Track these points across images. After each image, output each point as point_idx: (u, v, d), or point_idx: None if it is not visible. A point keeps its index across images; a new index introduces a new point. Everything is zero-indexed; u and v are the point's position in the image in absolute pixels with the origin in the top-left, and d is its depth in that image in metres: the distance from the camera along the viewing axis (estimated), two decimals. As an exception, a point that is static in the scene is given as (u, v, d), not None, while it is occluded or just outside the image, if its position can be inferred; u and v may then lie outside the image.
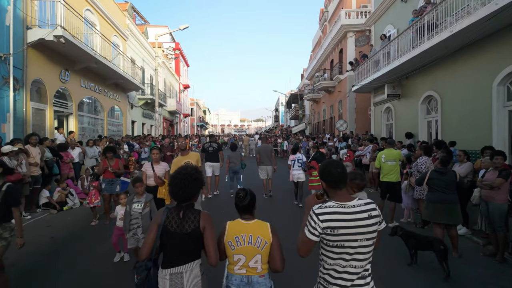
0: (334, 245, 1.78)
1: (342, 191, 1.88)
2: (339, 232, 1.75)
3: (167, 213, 2.11)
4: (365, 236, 1.78)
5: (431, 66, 10.07)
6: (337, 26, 20.39)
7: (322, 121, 27.57)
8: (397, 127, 12.93)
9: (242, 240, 2.09)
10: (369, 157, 10.03)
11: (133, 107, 19.13)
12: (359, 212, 1.80)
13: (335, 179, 1.86)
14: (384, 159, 6.09)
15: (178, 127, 36.05)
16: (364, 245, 1.79)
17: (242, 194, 2.23)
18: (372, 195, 9.20)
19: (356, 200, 1.86)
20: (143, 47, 21.32)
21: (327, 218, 1.77)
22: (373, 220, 1.81)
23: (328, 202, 1.84)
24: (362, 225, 1.78)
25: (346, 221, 1.76)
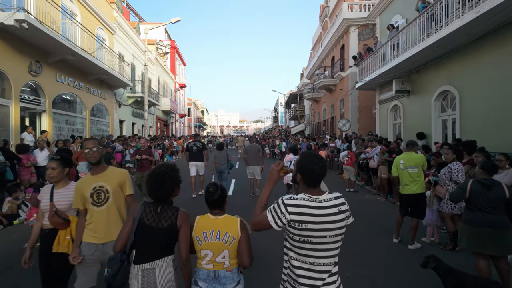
0: (301, 240, 1.70)
1: (316, 189, 1.78)
2: (307, 227, 1.68)
3: (145, 207, 2.09)
4: (334, 232, 1.71)
5: (447, 57, 8.90)
6: (338, 20, 19.25)
7: (322, 121, 26.42)
8: (406, 126, 11.74)
9: (210, 235, 2.06)
10: (377, 160, 8.83)
11: (121, 106, 17.92)
12: (329, 207, 1.72)
13: (315, 179, 1.77)
14: (403, 165, 4.87)
15: (174, 128, 34.84)
16: (332, 241, 1.72)
17: (212, 189, 2.17)
18: (381, 204, 7.99)
19: (327, 194, 1.78)
20: (134, 42, 20.13)
21: (296, 211, 1.69)
22: (342, 215, 1.75)
23: (299, 194, 1.77)
24: (332, 220, 1.70)
25: (315, 216, 1.69)
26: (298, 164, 1.82)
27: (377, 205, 7.86)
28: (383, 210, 7.37)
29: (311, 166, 1.76)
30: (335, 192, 1.87)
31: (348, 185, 9.59)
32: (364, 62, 13.77)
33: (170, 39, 37.29)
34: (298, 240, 1.71)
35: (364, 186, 10.47)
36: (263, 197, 1.91)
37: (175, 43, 36.71)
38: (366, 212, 7.19)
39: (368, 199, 8.59)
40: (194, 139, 9.32)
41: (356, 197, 8.76)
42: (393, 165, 5.02)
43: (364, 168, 10.16)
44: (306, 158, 1.81)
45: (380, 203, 8.08)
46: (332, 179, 12.29)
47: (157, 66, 27.07)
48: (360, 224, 6.16)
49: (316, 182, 1.78)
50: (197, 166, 8.74)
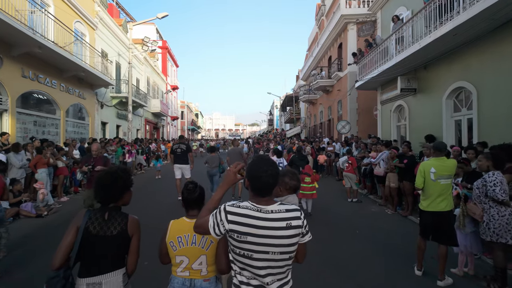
0: (241, 253, 1.51)
1: (265, 198, 1.56)
2: (246, 239, 1.48)
3: (90, 214, 1.88)
4: (280, 249, 1.49)
5: (461, 49, 7.84)
6: (336, 17, 18.25)
7: (319, 124, 25.36)
8: (412, 128, 10.66)
9: (185, 240, 1.92)
10: (384, 166, 7.70)
11: (103, 106, 16.66)
12: (275, 220, 1.50)
13: (262, 188, 1.55)
14: (435, 174, 3.70)
15: (165, 131, 33.56)
16: (278, 259, 1.50)
17: (191, 186, 2.02)
18: (390, 218, 6.83)
19: (277, 205, 1.55)
20: (120, 40, 18.90)
21: (236, 220, 1.50)
22: (292, 231, 1.51)
23: (243, 202, 1.56)
24: (276, 235, 1.48)
25: (257, 228, 1.48)
26: (247, 172, 1.61)
27: (386, 220, 6.71)
28: (394, 226, 6.23)
29: (259, 174, 1.55)
30: (291, 205, 1.63)
31: (349, 194, 8.45)
32: (365, 59, 12.71)
33: (162, 39, 36.15)
34: (238, 253, 1.52)
35: (368, 196, 9.34)
36: (214, 199, 1.70)
37: (167, 44, 35.56)
38: (374, 229, 6.03)
39: (374, 211, 7.45)
40: (179, 141, 9.05)
41: (360, 209, 7.61)
42: (419, 174, 3.84)
43: (368, 175, 9.03)
44: (255, 164, 1.59)
45: (389, 217, 6.94)
46: (331, 186, 11.14)
47: (146, 66, 25.88)
48: (370, 247, 5.00)
49: (263, 191, 1.56)
50: (182, 169, 8.55)
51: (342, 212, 7.35)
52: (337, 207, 7.82)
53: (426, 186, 3.78)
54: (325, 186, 11.23)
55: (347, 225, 6.29)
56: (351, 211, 7.43)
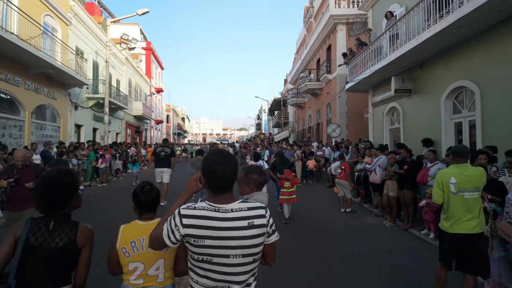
0: (199, 259, 1.36)
1: (223, 195, 1.42)
2: (204, 243, 1.33)
3: (31, 223, 1.66)
4: (241, 251, 1.35)
5: (462, 45, 7.24)
6: (325, 18, 17.72)
7: (307, 128, 24.76)
8: (407, 132, 10.02)
9: (140, 244, 1.77)
10: (381, 173, 6.96)
11: (78, 108, 15.48)
12: (235, 219, 1.36)
13: (219, 183, 1.40)
14: (456, 186, 2.92)
15: (148, 135, 32.30)
16: (240, 263, 1.35)
17: (148, 187, 1.89)
18: (391, 232, 6.06)
19: (238, 203, 1.41)
20: (98, 38, 17.75)
21: (192, 223, 1.34)
22: (255, 230, 1.37)
23: (200, 202, 1.42)
24: (237, 236, 1.34)
25: (215, 230, 1.34)
26: (202, 168, 1.45)
27: (386, 234, 5.94)
28: (396, 242, 5.45)
29: (214, 167, 1.39)
30: (255, 202, 1.47)
31: (342, 204, 7.67)
32: (356, 59, 12.08)
33: (146, 40, 35.06)
34: (197, 259, 1.37)
35: (362, 204, 8.59)
36: (172, 209, 1.48)
37: (151, 45, 34.47)
38: (373, 246, 5.24)
39: (371, 224, 6.67)
40: (163, 144, 8.78)
41: (355, 221, 6.82)
42: (436, 186, 3.07)
43: (362, 182, 8.29)
44: (209, 158, 1.45)
45: (389, 231, 6.17)
46: (322, 194, 10.36)
47: (128, 67, 24.74)
48: (372, 270, 4.18)
49: (220, 186, 1.42)
50: (163, 173, 8.28)
51: (336, 224, 6.54)
52: (330, 219, 7.02)
53: (446, 201, 3.00)
54: (315, 193, 10.45)
55: (342, 241, 5.48)
56: (346, 223, 6.64)
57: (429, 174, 5.74)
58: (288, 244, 5.17)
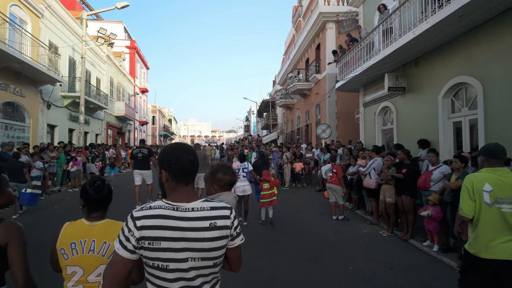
0: (155, 265, 1.21)
1: (188, 187, 1.32)
2: (160, 246, 1.20)
3: None
4: (200, 254, 1.23)
5: (462, 38, 6.70)
6: (314, 16, 17.18)
7: (296, 130, 24.17)
8: (401, 132, 9.47)
9: (81, 247, 1.63)
10: (376, 177, 6.31)
11: (50, 107, 14.40)
12: (196, 219, 1.24)
13: (184, 169, 1.29)
14: (492, 195, 2.24)
15: (132, 136, 31.11)
16: (199, 266, 1.24)
17: (100, 183, 1.73)
18: (389, 244, 5.38)
19: (200, 202, 1.30)
20: (75, 33, 16.67)
21: (146, 224, 1.20)
22: (216, 232, 1.26)
23: (155, 201, 1.29)
24: (197, 238, 1.22)
25: (173, 230, 1.21)
26: (161, 158, 1.33)
27: (384, 246, 5.27)
28: (396, 257, 4.79)
29: (175, 152, 1.30)
30: (220, 202, 1.36)
31: (334, 210, 6.99)
32: (347, 56, 11.51)
33: (130, 39, 33.94)
34: (152, 266, 1.22)
35: (354, 211, 7.94)
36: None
37: (136, 44, 33.36)
38: (372, 261, 4.56)
39: (366, 233, 6.00)
40: (139, 146, 8.69)
41: (349, 231, 6.15)
42: (465, 194, 2.35)
43: (355, 186, 7.64)
44: (167, 147, 1.38)
45: (387, 242, 5.50)
46: (311, 199, 9.67)
47: (109, 65, 23.64)
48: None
49: (186, 172, 1.29)
50: (143, 175, 8.09)
51: (327, 234, 5.85)
52: (320, 228, 6.32)
53: (477, 214, 2.32)
54: (304, 198, 9.77)
55: (336, 255, 4.79)
56: (338, 233, 5.94)
57: (432, 179, 5.12)
58: (273, 259, 4.45)
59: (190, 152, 1.32)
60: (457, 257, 4.48)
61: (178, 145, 1.35)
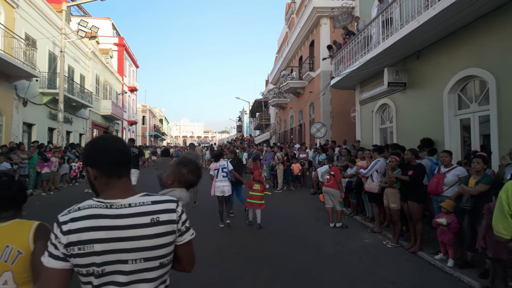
0: (88, 272, 1.08)
1: (122, 181, 1.19)
2: (92, 250, 1.06)
3: None
4: (142, 254, 1.10)
5: (472, 26, 6.09)
6: (307, 11, 16.55)
7: (289, 130, 23.53)
8: (401, 131, 8.84)
9: None
10: (379, 180, 5.63)
11: (27, 104, 13.44)
12: (134, 215, 1.12)
13: (114, 160, 1.16)
14: None
15: (120, 136, 30.04)
16: (143, 269, 1.11)
17: (6, 178, 1.56)
18: (397, 256, 4.69)
19: (140, 196, 1.17)
20: (56, 27, 15.69)
21: (75, 227, 1.07)
22: (160, 228, 1.14)
23: (85, 201, 1.15)
24: (137, 236, 1.10)
25: (106, 230, 1.08)
26: (86, 152, 1.22)
27: (390, 260, 4.59)
28: (406, 274, 4.11)
29: (102, 143, 1.19)
30: (162, 195, 1.24)
31: (332, 217, 6.29)
32: (343, 51, 10.87)
33: (119, 36, 32.91)
34: (85, 274, 1.08)
35: (353, 216, 7.26)
36: None
37: (124, 41, 32.34)
38: (378, 281, 3.86)
39: (368, 244, 5.31)
40: (129, 145, 8.32)
41: (348, 241, 5.45)
42: (498, 209, 1.74)
43: (354, 189, 6.96)
44: (92, 140, 1.25)
45: (393, 255, 4.81)
46: (305, 203, 8.96)
47: (95, 62, 22.65)
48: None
49: (117, 162, 1.17)
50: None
51: (325, 246, 5.14)
52: (316, 238, 5.61)
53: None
54: (298, 202, 9.06)
55: (336, 273, 4.08)
56: (337, 244, 5.24)
57: (445, 182, 4.46)
58: (262, 278, 3.73)
59: (118, 142, 1.22)
60: (478, 274, 3.82)
61: (103, 137, 1.24)
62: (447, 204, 4.30)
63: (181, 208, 1.23)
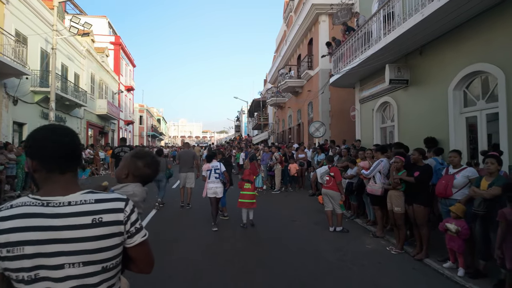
0: (19, 278, 0.99)
1: (64, 177, 1.09)
2: (23, 253, 0.97)
3: None
4: (81, 257, 1.01)
5: (480, 19, 5.77)
6: (306, 8, 16.25)
7: (287, 129, 23.22)
8: (403, 130, 8.52)
9: None
10: (382, 182, 5.30)
11: (17, 103, 13.06)
12: (74, 215, 1.03)
13: (57, 153, 1.07)
14: None
15: (116, 136, 29.64)
16: (82, 274, 1.02)
17: None
18: (398, 265, 4.35)
19: (82, 194, 1.07)
20: (47, 23, 15.31)
21: (4, 227, 0.98)
22: (103, 229, 1.05)
23: (19, 198, 1.06)
24: (74, 238, 1.01)
25: (40, 231, 0.99)
26: (27, 143, 1.09)
27: (396, 268, 4.25)
28: (413, 285, 3.78)
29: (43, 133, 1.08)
30: (109, 193, 1.17)
31: (331, 221, 5.96)
32: (342, 48, 10.55)
33: (115, 35, 32.50)
34: (15, 279, 0.99)
35: (353, 219, 6.93)
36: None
37: (121, 40, 31.93)
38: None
39: (370, 249, 4.98)
40: (121, 144, 8.38)
41: (349, 246, 5.12)
42: None
43: (355, 191, 6.63)
44: (36, 129, 1.13)
45: (399, 262, 4.48)
46: (303, 205, 8.63)
47: (90, 61, 22.27)
48: None
49: (57, 160, 1.07)
50: None
51: (325, 253, 4.80)
52: (316, 243, 5.27)
53: None
54: (296, 204, 8.72)
55: (338, 285, 3.74)
56: (338, 250, 4.90)
57: (454, 184, 4.13)
58: None
59: (64, 134, 1.10)
60: (492, 285, 3.50)
61: (51, 126, 1.12)
62: (457, 208, 3.97)
63: (131, 208, 1.13)
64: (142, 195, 1.64)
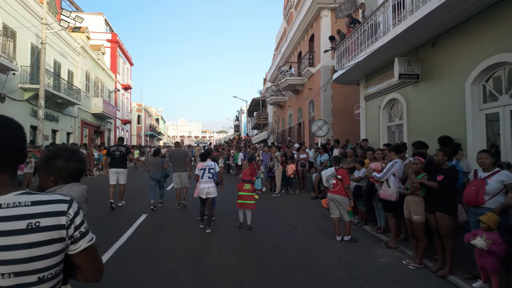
0: None
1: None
2: None
3: None
4: (13, 268, 0.91)
5: (504, 4, 5.18)
6: (307, 3, 15.69)
7: (287, 129, 22.62)
8: (413, 129, 7.92)
9: None
10: (397, 186, 4.70)
11: (5, 100, 12.45)
12: (5, 219, 0.92)
13: None
14: None
15: (112, 135, 29.03)
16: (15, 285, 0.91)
17: None
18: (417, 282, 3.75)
19: (16, 195, 0.96)
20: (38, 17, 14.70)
21: None
22: (39, 235, 0.95)
23: None
24: (4, 245, 0.91)
25: None
26: None
27: (418, 287, 3.66)
28: None
29: None
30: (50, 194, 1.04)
31: (338, 229, 5.36)
32: (347, 42, 9.95)
33: (112, 32, 31.90)
34: None
35: (362, 226, 6.33)
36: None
37: (118, 37, 31.33)
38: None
39: (384, 263, 4.38)
40: (117, 143, 8.51)
41: (360, 259, 4.52)
42: None
43: (365, 195, 6.03)
44: None
45: (419, 281, 3.85)
46: (305, 210, 8.02)
47: (85, 58, 21.65)
48: None
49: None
50: (118, 174, 7.91)
51: (333, 268, 4.20)
52: (322, 255, 4.68)
53: None
54: (298, 209, 8.11)
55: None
56: (347, 265, 4.30)
57: (486, 191, 3.53)
58: None
59: (6, 128, 1.02)
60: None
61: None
62: (489, 218, 3.38)
63: (75, 210, 1.04)
64: (82, 195, 1.50)
